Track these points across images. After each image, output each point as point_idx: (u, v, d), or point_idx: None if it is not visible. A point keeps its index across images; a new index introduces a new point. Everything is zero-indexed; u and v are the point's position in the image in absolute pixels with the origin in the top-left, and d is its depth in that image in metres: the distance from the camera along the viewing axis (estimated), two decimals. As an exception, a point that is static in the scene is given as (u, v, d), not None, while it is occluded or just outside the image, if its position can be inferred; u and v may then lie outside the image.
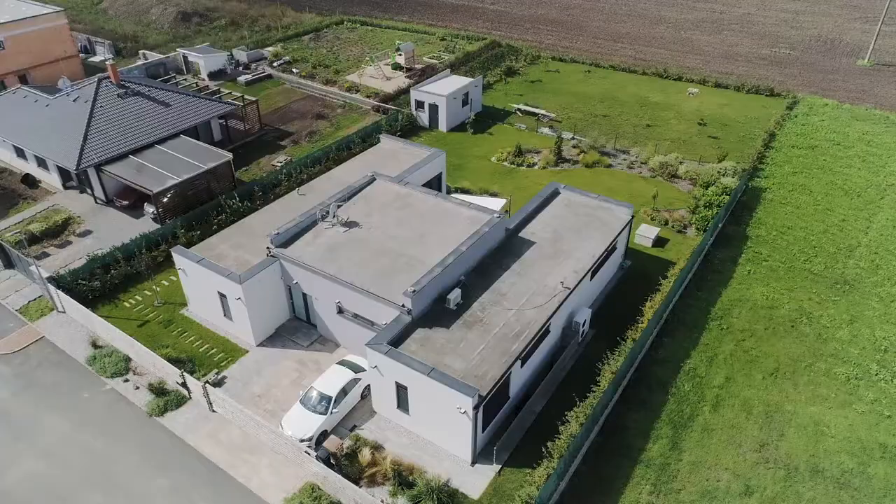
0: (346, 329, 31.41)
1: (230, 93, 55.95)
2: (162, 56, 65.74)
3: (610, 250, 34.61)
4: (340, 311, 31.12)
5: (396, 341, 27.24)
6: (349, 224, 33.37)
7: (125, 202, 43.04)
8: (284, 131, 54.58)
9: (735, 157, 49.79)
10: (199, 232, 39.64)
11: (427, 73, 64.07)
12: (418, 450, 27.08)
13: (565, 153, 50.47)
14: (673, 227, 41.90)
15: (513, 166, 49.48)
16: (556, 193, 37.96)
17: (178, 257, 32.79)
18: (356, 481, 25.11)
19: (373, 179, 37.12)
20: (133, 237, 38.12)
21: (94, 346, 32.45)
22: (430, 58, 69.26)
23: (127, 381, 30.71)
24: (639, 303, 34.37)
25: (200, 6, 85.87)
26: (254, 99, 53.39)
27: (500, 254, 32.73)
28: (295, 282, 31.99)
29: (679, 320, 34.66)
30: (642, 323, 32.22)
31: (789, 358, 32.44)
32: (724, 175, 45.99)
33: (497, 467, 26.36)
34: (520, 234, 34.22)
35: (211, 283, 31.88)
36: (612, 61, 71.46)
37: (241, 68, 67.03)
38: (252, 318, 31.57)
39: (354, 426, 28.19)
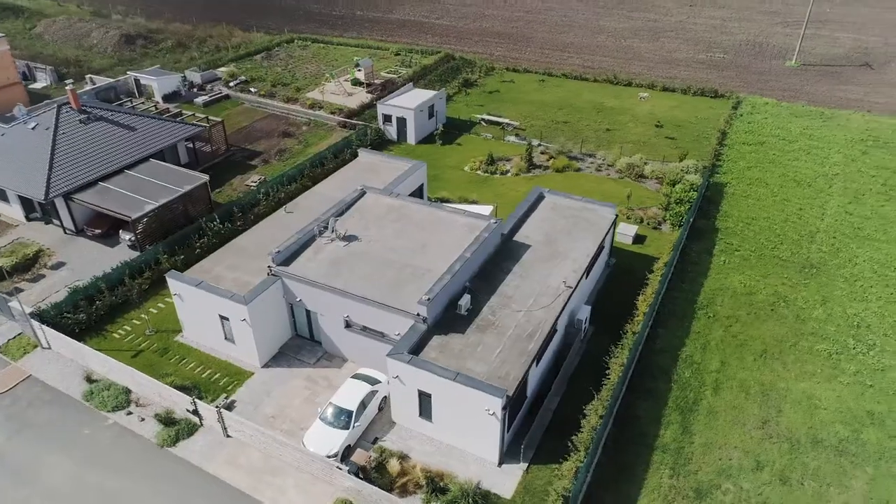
0: (355, 343, 31.34)
1: (192, 114, 54.73)
2: (111, 80, 63.62)
3: (600, 249, 35.92)
4: (348, 325, 31.04)
5: (415, 350, 27.47)
6: (348, 238, 33.38)
7: (97, 231, 41.43)
8: (252, 151, 53.81)
9: (694, 155, 52.49)
10: (182, 256, 38.72)
11: (387, 88, 64.59)
12: (444, 456, 27.30)
13: (535, 159, 51.90)
14: (648, 224, 43.80)
15: (487, 174, 50.50)
16: (541, 197, 39.09)
17: (174, 282, 31.93)
18: (388, 492, 25.08)
19: (363, 193, 37.24)
20: (114, 266, 36.77)
21: (89, 380, 31.09)
22: (388, 73, 69.79)
23: (130, 413, 29.60)
24: (628, 298, 35.79)
25: (143, 28, 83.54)
26: (219, 119, 52.45)
27: (498, 258, 33.45)
28: (298, 299, 31.70)
29: (669, 311, 36.26)
30: (638, 316, 33.64)
31: (774, 339, 34.47)
32: (688, 173, 48.41)
33: (524, 465, 26.91)
34: (514, 239, 35.07)
35: (211, 307, 31.19)
36: (562, 70, 73.93)
37: (195, 90, 65.63)
38: (257, 339, 31.06)
39: (376, 438, 28.15)
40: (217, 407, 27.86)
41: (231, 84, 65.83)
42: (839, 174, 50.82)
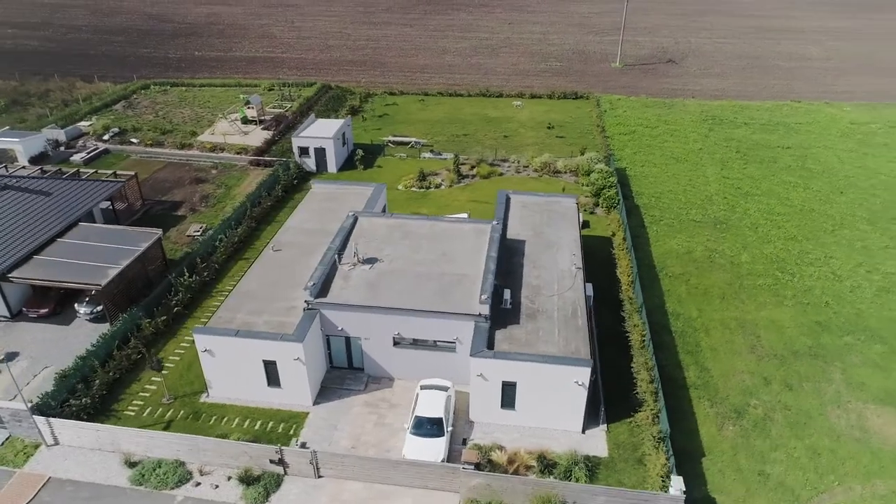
0: (404, 359, 31.89)
1: (95, 171, 49.51)
2: (-45, 150, 54.77)
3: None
4: (396, 343, 31.54)
5: (490, 346, 29.11)
6: (369, 261, 33.75)
7: (42, 310, 36.38)
8: (170, 202, 50.18)
9: (591, 148, 59.54)
10: (164, 318, 35.82)
11: (280, 122, 63.71)
12: (532, 438, 29.20)
13: (461, 170, 55.17)
14: (585, 210, 49.25)
15: (423, 190, 52.66)
16: (509, 199, 42.39)
17: (203, 338, 29.89)
18: (506, 481, 26.46)
19: (356, 218, 37.58)
20: (97, 340, 32.91)
21: (129, 463, 27.86)
22: (272, 108, 68.56)
23: (198, 484, 27.23)
24: (601, 272, 40.54)
25: (-44, 90, 72.21)
26: (132, 173, 48.18)
27: (507, 254, 36.07)
28: (340, 328, 31.44)
29: (640, 277, 41.58)
30: (624, 286, 38.46)
31: (724, 284, 41.30)
32: (596, 163, 55.04)
33: (604, 427, 29.85)
34: (508, 237, 37.93)
35: (254, 354, 29.77)
36: (434, 89, 78.34)
37: (61, 148, 58.89)
38: (310, 377, 30.28)
39: (465, 439, 29.16)
40: (303, 445, 26.91)
41: (105, 137, 60.10)
42: (702, 149, 61.11)
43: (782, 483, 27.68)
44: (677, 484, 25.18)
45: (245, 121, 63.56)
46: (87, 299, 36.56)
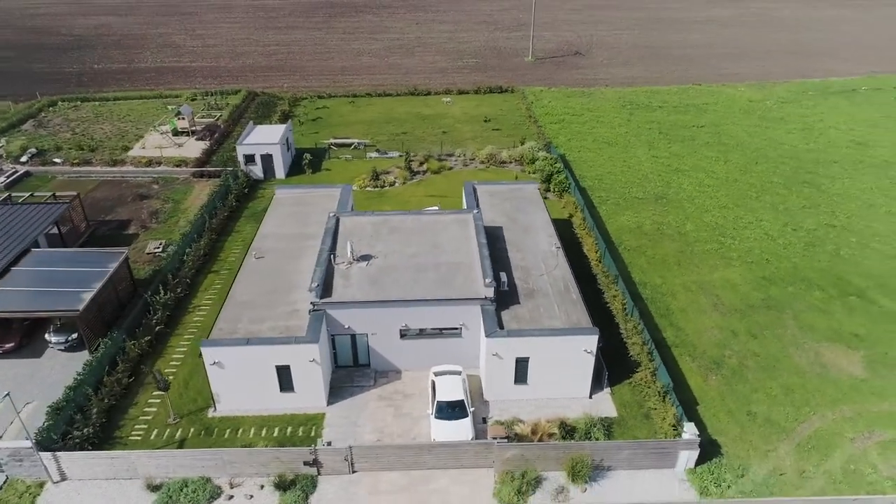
0: (411, 350, 32.58)
1: (31, 194, 46.02)
2: None
3: (545, 217, 42.36)
4: (403, 334, 32.20)
5: (500, 326, 30.47)
6: (364, 258, 34.11)
7: (7, 345, 33.76)
8: (116, 221, 47.59)
9: (530, 138, 62.24)
10: (147, 338, 34.43)
11: (213, 132, 61.79)
12: (546, 408, 30.86)
13: (412, 167, 56.06)
14: (538, 196, 51.66)
15: (378, 188, 53.12)
16: (475, 189, 43.88)
17: (212, 350, 29.18)
18: (534, 450, 27.96)
19: (338, 218, 37.68)
20: (82, 368, 31.09)
21: (152, 487, 26.83)
22: (201, 117, 66.16)
23: (231, 497, 26.68)
24: (568, 252, 42.69)
25: None
26: (74, 194, 45.27)
27: (490, 240, 37.38)
28: (347, 326, 31.67)
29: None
30: (594, 261, 41.13)
31: (677, 252, 44.97)
32: (538, 151, 57.74)
33: (608, 390, 32.06)
34: (486, 224, 39.38)
35: (266, 361, 29.44)
36: (359, 91, 78.50)
37: (-29, 174, 54.10)
38: (324, 377, 30.35)
39: (484, 418, 30.38)
40: (328, 445, 27.11)
41: (23, 159, 55.76)
42: (628, 132, 65.51)
43: (768, 419, 31.02)
44: (690, 429, 27.72)
45: (176, 132, 61.05)
46: (57, 328, 34.39)
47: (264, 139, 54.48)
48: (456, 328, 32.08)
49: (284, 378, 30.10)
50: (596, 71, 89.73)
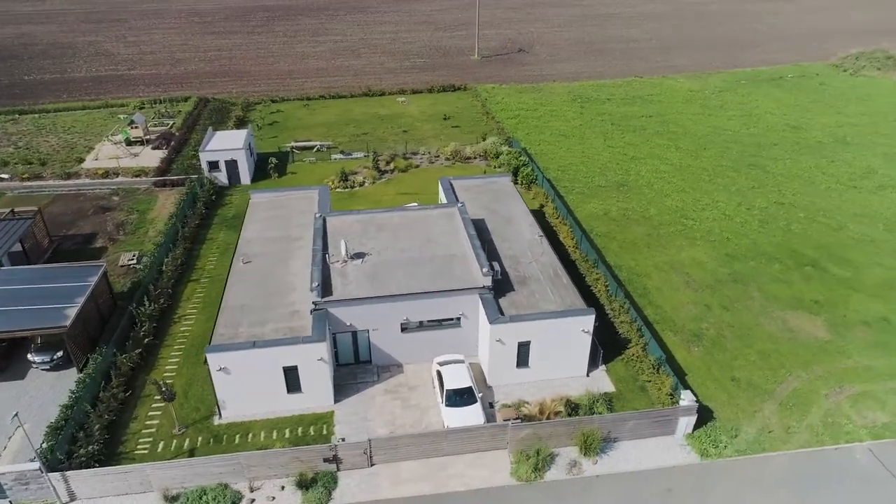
0: (411, 343, 33.12)
1: (-13, 212, 43.75)
2: None
3: (522, 208, 43.69)
4: (404, 328, 32.73)
5: (500, 313, 31.45)
6: (358, 256, 34.40)
7: (-15, 369, 32.33)
8: (80, 235, 45.84)
9: (491, 134, 63.58)
10: (139, 351, 33.66)
11: (169, 140, 60.23)
12: (548, 388, 32.07)
13: (379, 166, 56.38)
14: (507, 189, 53.01)
15: (348, 189, 53.21)
16: (451, 184, 44.76)
17: (218, 356, 28.89)
18: (543, 428, 29.12)
19: (324, 218, 37.75)
20: (75, 386, 30.13)
21: (170, 499, 26.38)
22: (154, 126, 64.23)
23: (253, 501, 26.59)
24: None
25: None
26: (35, 209, 43.34)
27: (475, 232, 38.43)
28: (349, 324, 31.94)
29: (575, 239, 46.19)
30: (570, 248, 42.79)
31: (644, 235, 47.22)
32: (500, 145, 59.15)
33: (604, 367, 33.60)
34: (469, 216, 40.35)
35: (273, 363, 29.38)
36: (312, 93, 77.97)
37: None
38: (331, 376, 30.55)
39: (491, 403, 31.32)
40: (341, 440, 27.44)
41: (-35, 177, 52.83)
42: (582, 124, 67.89)
43: (750, 383, 33.29)
44: (688, 396, 29.55)
45: (129, 142, 59.13)
46: (38, 347, 33.09)
47: (227, 145, 53.60)
48: (456, 318, 32.87)
49: (292, 379, 30.11)
50: (542, 67, 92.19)
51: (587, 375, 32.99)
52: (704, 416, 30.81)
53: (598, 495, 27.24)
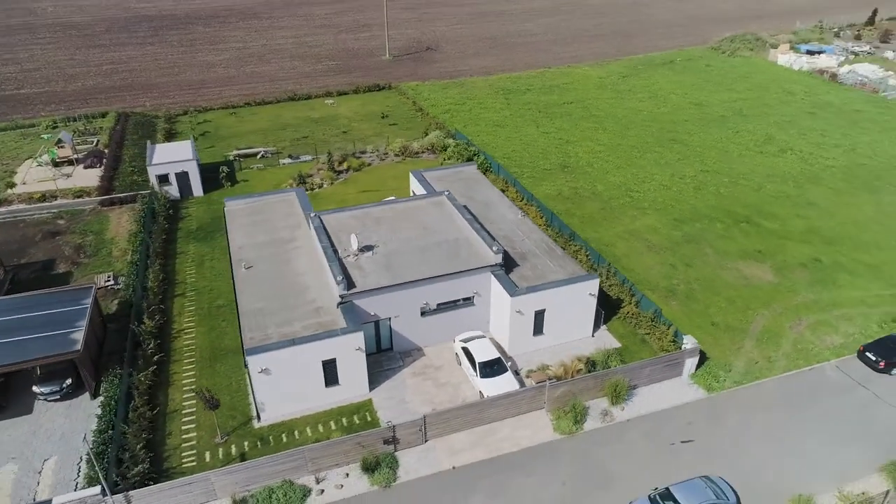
0: (430, 326, 34.58)
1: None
2: None
3: (493, 193, 46.16)
4: (424, 312, 34.11)
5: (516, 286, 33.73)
6: (367, 248, 35.26)
7: (-15, 408, 30.03)
8: (36, 262, 42.75)
9: (431, 129, 65.51)
10: (153, 368, 32.69)
11: (100, 157, 56.95)
12: (563, 352, 34.78)
13: (334, 167, 56.65)
14: (463, 179, 55.29)
15: (308, 192, 53.11)
16: (423, 175, 46.35)
17: (259, 357, 28.88)
18: (571, 386, 31.77)
19: (320, 217, 38.11)
20: (100, 410, 28.89)
21: (238, 502, 26.27)
22: (78, 144, 60.17)
23: (322, 492, 27.07)
24: (515, 222, 47.38)
25: None
26: (-16, 238, 39.99)
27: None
28: (373, 313, 32.84)
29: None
30: (541, 226, 45.90)
31: (599, 210, 51.28)
32: (445, 138, 61.30)
33: (605, 326, 36.81)
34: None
35: (314, 357, 29.82)
36: (233, 102, 76.09)
37: None
38: (366, 364, 31.45)
39: (516, 371, 33.50)
40: (388, 423, 28.63)
41: None
42: (512, 114, 71.54)
43: (728, 325, 37.85)
44: (690, 340, 33.34)
45: (55, 163, 55.26)
46: (41, 377, 31.16)
47: (174, 157, 51.75)
48: (471, 297, 34.71)
49: (330, 372, 30.65)
50: (454, 63, 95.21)
51: (593, 336, 36.05)
52: (700, 358, 34.81)
53: (633, 437, 30.26)
